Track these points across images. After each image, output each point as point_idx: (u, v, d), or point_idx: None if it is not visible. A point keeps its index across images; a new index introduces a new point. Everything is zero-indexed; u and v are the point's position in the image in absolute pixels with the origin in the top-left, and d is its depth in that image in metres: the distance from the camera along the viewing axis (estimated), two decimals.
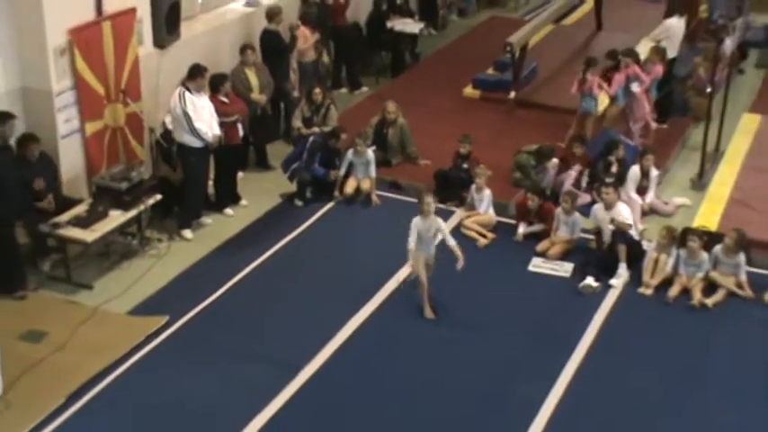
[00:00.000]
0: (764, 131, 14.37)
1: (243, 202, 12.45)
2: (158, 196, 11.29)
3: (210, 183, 12.22)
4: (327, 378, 9.09)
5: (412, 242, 9.92)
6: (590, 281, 10.61)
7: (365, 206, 12.46)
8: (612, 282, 10.63)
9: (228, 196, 12.35)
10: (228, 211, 12.23)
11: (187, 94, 11.09)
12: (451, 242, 9.94)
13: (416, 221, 9.93)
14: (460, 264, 9.83)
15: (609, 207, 11.00)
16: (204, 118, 11.22)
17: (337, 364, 9.31)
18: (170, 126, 11.47)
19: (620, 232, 10.78)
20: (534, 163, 12.66)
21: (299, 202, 12.50)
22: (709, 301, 10.33)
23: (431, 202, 9.96)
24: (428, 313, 10.04)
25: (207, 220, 11.91)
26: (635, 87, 13.31)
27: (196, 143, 11.23)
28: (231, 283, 10.64)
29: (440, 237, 10.04)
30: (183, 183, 11.53)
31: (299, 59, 14.48)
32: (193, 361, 9.31)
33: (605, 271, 10.73)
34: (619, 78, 13.49)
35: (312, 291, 10.59)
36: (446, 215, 12.10)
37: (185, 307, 10.09)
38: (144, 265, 10.92)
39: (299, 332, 9.77)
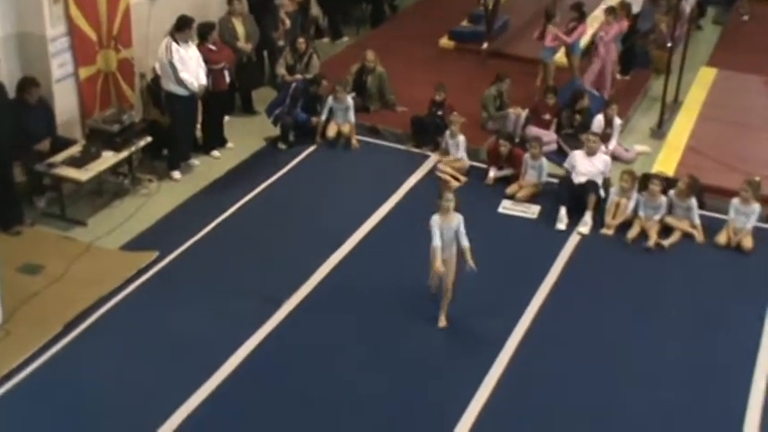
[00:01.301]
0: (720, 84, 14.43)
1: (229, 144, 12.38)
2: (148, 138, 11.21)
3: (198, 126, 12.13)
4: (309, 311, 9.11)
5: (437, 239, 8.47)
6: (563, 212, 10.70)
7: (345, 149, 12.42)
8: (580, 229, 10.66)
9: (215, 139, 12.28)
10: (215, 153, 12.17)
11: (174, 45, 10.94)
12: (465, 243, 8.55)
13: (435, 219, 8.52)
14: (471, 267, 8.50)
15: (591, 155, 11.04)
16: (191, 68, 11.09)
17: (318, 297, 9.34)
18: (159, 72, 11.35)
19: (591, 183, 10.82)
20: (495, 93, 12.68)
21: (282, 146, 12.45)
22: (665, 243, 10.43)
23: (452, 198, 8.54)
24: (442, 321, 8.88)
25: (195, 161, 11.85)
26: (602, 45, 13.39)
27: (182, 92, 11.12)
28: (218, 221, 10.61)
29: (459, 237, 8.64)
30: (172, 127, 11.43)
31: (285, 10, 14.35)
32: (182, 293, 9.31)
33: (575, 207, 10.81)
34: (580, 30, 13.51)
35: (294, 229, 10.58)
36: (421, 159, 12.16)
37: (174, 243, 10.06)
38: (135, 204, 10.86)
39: (282, 268, 9.77)
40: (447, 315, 8.88)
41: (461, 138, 11.86)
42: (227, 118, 12.64)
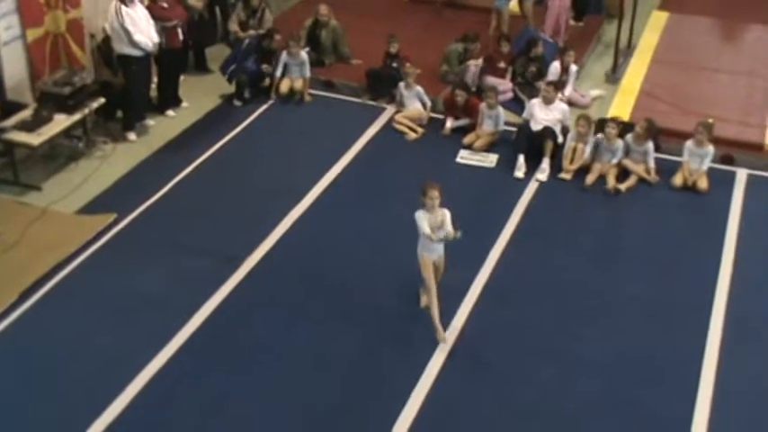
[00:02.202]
0: (672, 27, 14.35)
1: (184, 104, 12.12)
2: (102, 100, 10.94)
3: (153, 86, 11.86)
4: (267, 269, 8.96)
5: (426, 228, 7.81)
6: (521, 160, 10.60)
7: (300, 105, 12.20)
8: (538, 176, 10.58)
9: (170, 99, 12.01)
10: (170, 112, 11.91)
11: (123, 8, 10.65)
12: (448, 229, 7.86)
13: (420, 215, 7.87)
14: (456, 234, 7.83)
15: (548, 103, 10.92)
16: (142, 28, 10.81)
17: (278, 254, 9.18)
18: (111, 35, 11.02)
19: (548, 129, 10.70)
20: (461, 50, 12.48)
21: (237, 103, 12.22)
22: (622, 186, 10.38)
23: (436, 195, 7.81)
24: (440, 336, 7.97)
25: (150, 122, 11.59)
26: None
27: (136, 53, 10.85)
28: (175, 181, 10.38)
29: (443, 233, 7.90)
30: (125, 87, 11.14)
31: None
32: (141, 255, 9.11)
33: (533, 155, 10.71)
34: None
35: (253, 186, 10.39)
36: (378, 112, 11.98)
37: (132, 205, 9.84)
38: (90, 167, 10.60)
39: (241, 226, 9.60)
40: (442, 325, 8.01)
41: (417, 88, 11.68)
42: (181, 77, 12.35)
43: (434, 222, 7.82)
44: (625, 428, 7.20)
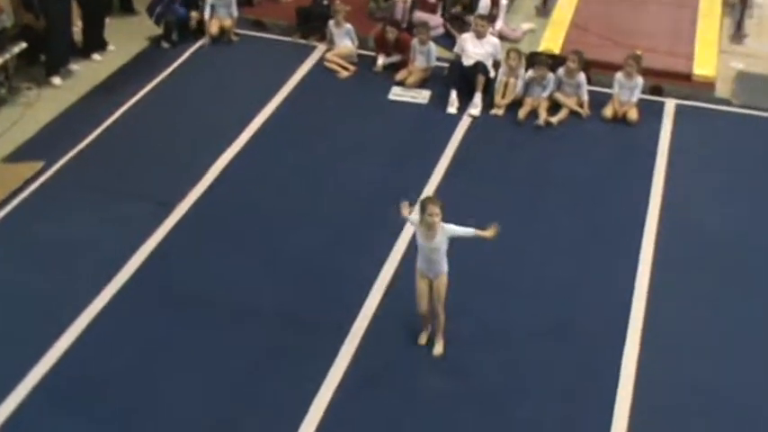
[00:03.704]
0: None
1: (110, 47, 11.84)
2: (23, 44, 10.66)
3: (77, 29, 11.57)
4: (200, 214, 8.88)
5: (411, 217, 7.03)
6: (454, 95, 10.60)
7: (230, 46, 12.02)
8: (471, 111, 10.59)
9: (96, 42, 11.73)
10: (96, 56, 11.64)
11: None
12: (470, 232, 6.99)
13: (416, 221, 6.95)
14: (493, 232, 7.02)
15: (479, 38, 10.89)
16: None
17: (212, 197, 9.11)
18: None
19: (480, 64, 10.69)
20: None
21: (166, 45, 11.97)
22: (554, 119, 10.46)
23: (437, 212, 6.74)
24: (438, 349, 7.24)
25: (75, 66, 11.31)
26: None
27: None
28: (103, 126, 10.18)
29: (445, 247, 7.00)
30: (47, 30, 10.84)
31: None
32: (72, 203, 8.96)
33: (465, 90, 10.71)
34: None
35: (184, 130, 10.25)
36: (308, 50, 11.85)
37: (60, 152, 9.64)
38: (15, 114, 10.34)
39: (174, 170, 9.48)
40: (445, 338, 7.28)
41: (348, 26, 11.57)
42: (107, 19, 12.03)
43: (432, 248, 6.87)
44: (556, 357, 7.32)
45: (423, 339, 7.31)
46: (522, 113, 10.54)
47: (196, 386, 6.94)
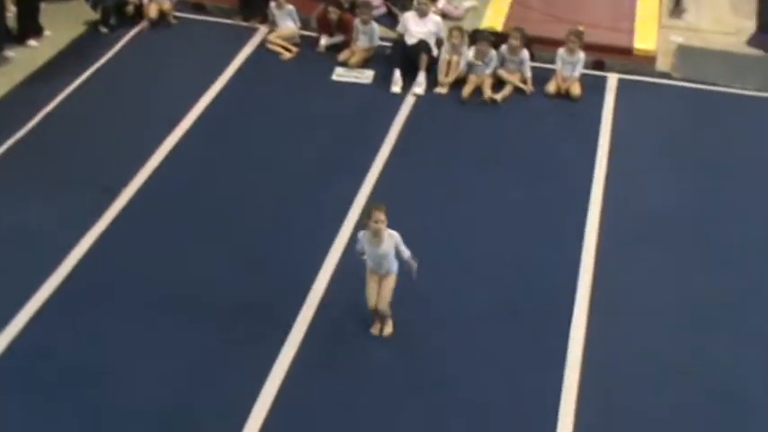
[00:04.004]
0: None
1: (46, 32, 11.59)
2: None
3: (11, 15, 11.32)
4: (145, 200, 8.78)
5: (359, 248, 7.12)
6: (397, 75, 10.59)
7: (170, 29, 11.86)
8: (415, 90, 10.58)
9: (31, 27, 11.46)
10: (32, 42, 11.39)
11: None
12: (406, 254, 7.03)
13: (362, 236, 7.03)
14: (413, 270, 7.11)
15: (422, 16, 10.88)
16: None
17: (156, 183, 9.01)
18: None
19: (423, 43, 10.68)
20: None
21: (104, 29, 11.77)
22: (498, 96, 10.51)
23: (383, 219, 6.84)
24: (387, 330, 7.28)
25: (10, 53, 11.06)
26: None
27: None
28: (42, 114, 9.99)
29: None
30: None
31: None
32: (12, 192, 8.78)
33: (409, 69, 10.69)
34: None
35: (126, 116, 10.09)
36: (250, 33, 11.75)
37: None
38: None
39: (116, 156, 9.35)
40: (393, 320, 7.28)
41: (290, 7, 11.48)
42: (42, 4, 11.79)
43: (380, 254, 6.94)
44: (504, 335, 7.36)
45: (375, 330, 7.30)
46: (466, 91, 10.56)
47: (151, 373, 6.89)
